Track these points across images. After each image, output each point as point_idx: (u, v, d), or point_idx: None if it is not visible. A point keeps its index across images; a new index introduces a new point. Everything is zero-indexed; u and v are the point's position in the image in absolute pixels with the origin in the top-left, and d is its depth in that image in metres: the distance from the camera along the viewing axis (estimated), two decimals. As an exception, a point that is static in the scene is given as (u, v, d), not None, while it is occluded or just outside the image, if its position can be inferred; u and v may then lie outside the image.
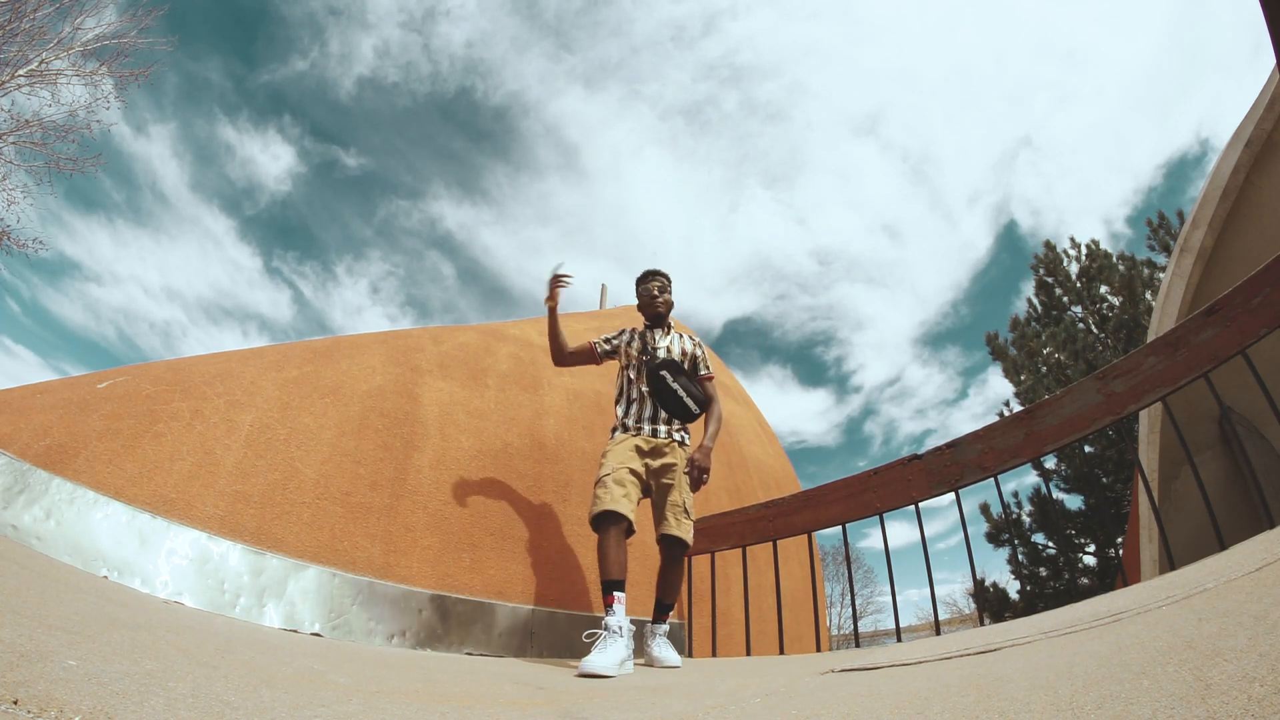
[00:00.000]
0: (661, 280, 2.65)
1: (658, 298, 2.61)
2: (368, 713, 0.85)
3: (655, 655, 2.21)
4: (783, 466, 4.87)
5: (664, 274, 2.67)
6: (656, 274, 2.66)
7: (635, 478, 2.30)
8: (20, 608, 0.98)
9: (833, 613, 22.48)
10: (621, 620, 1.96)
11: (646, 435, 2.41)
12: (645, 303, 2.64)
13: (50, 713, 0.57)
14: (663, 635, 2.29)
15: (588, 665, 1.73)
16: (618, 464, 2.29)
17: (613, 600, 2.02)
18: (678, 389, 2.42)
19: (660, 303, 2.61)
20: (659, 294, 2.62)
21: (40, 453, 1.95)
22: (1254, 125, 3.87)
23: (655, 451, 2.39)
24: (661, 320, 2.64)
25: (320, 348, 2.86)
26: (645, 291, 2.64)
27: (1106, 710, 0.58)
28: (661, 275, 2.66)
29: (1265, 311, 1.83)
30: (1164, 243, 10.40)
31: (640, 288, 2.67)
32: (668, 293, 2.65)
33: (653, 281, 2.64)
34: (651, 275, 2.66)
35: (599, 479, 2.27)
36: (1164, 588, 1.18)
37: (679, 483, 2.35)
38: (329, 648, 1.71)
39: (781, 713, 0.86)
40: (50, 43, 9.86)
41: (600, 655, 1.80)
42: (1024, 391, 10.16)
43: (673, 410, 2.43)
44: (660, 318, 2.63)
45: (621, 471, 2.27)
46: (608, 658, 1.79)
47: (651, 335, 2.61)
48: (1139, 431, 4.61)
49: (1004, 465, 2.32)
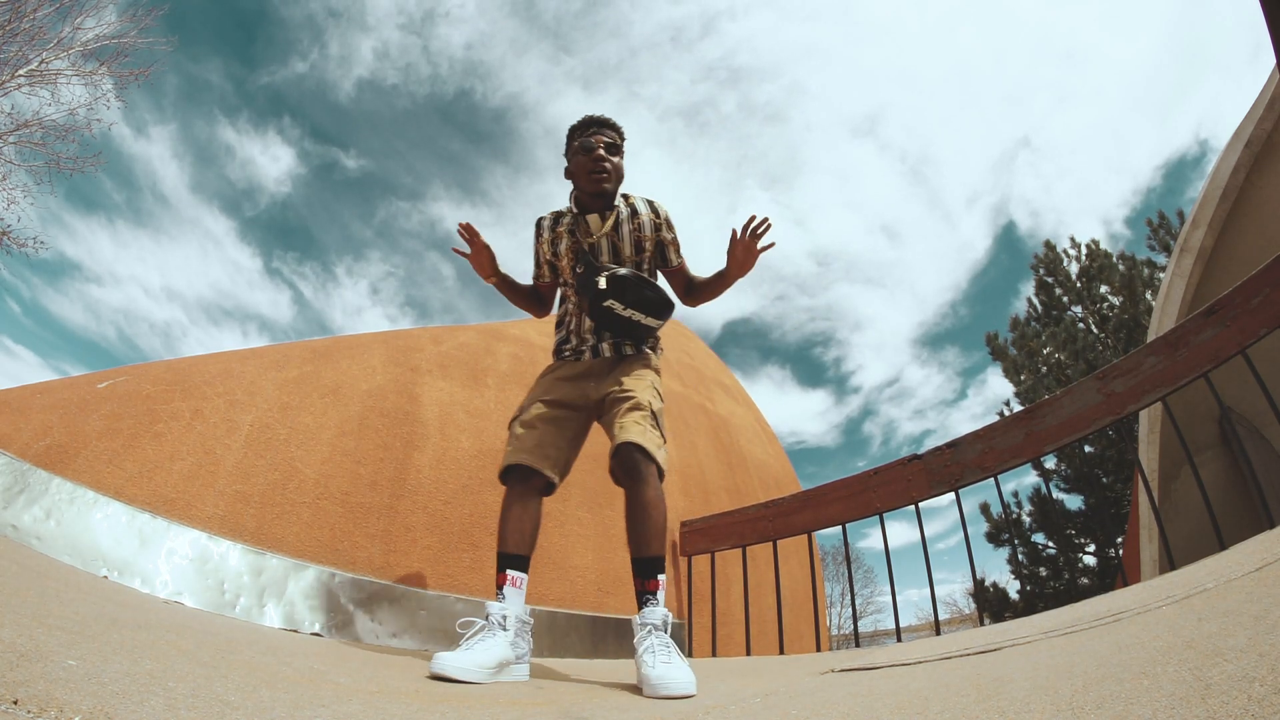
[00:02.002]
0: (612, 133, 1.79)
1: (605, 159, 1.73)
2: (368, 713, 0.85)
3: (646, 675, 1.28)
4: (783, 466, 4.87)
5: (617, 125, 1.82)
6: (607, 123, 1.80)
7: (560, 408, 1.71)
8: (20, 608, 0.98)
9: (833, 613, 22.48)
10: (508, 609, 1.46)
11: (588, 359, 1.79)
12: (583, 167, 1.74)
13: (50, 713, 0.57)
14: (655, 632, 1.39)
15: (441, 663, 1.28)
16: (531, 400, 1.74)
17: (504, 580, 1.52)
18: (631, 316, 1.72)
19: (609, 168, 1.74)
20: (607, 154, 1.74)
21: (40, 453, 1.95)
22: (1254, 125, 3.88)
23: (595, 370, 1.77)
24: (605, 197, 1.77)
25: (320, 348, 2.86)
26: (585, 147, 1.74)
27: (1106, 710, 0.58)
28: (613, 125, 1.81)
29: (1265, 311, 1.83)
30: (1164, 243, 10.40)
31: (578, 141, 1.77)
32: (620, 154, 1.80)
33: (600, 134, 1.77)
34: (598, 123, 1.79)
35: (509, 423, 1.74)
36: (1164, 588, 1.18)
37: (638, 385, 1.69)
38: (329, 648, 1.71)
39: (781, 713, 0.86)
40: (50, 43, 9.86)
41: (465, 653, 1.33)
42: (1024, 391, 10.17)
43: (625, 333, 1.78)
44: (604, 194, 1.76)
45: (534, 409, 1.69)
46: (475, 657, 1.33)
47: (585, 226, 1.79)
48: (1139, 431, 4.61)
49: (1004, 465, 2.32)
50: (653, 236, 1.83)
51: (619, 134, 1.81)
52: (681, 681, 1.24)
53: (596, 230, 1.78)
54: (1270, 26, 1.42)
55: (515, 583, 1.52)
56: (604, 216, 1.78)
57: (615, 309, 1.71)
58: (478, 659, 1.33)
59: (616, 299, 1.70)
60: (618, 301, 1.70)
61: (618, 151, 1.80)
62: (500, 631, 1.42)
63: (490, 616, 1.45)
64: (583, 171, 1.75)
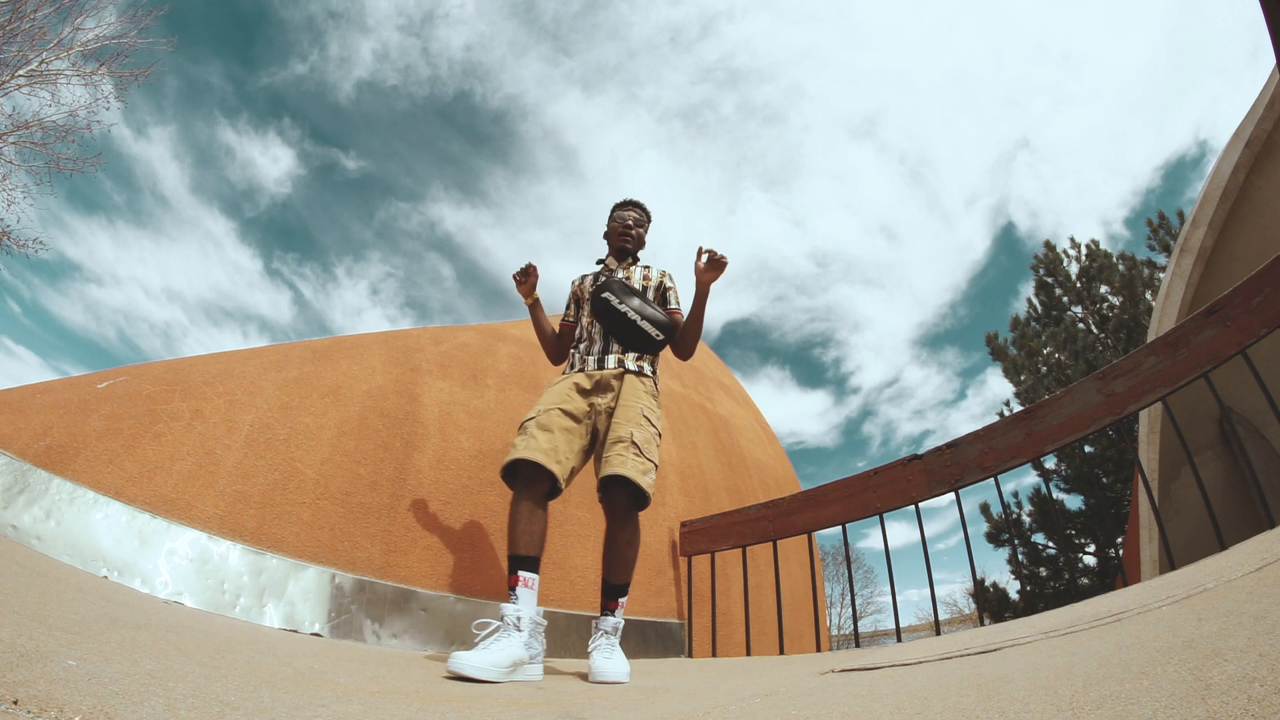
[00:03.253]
0: (639, 213, 2.30)
1: (631, 229, 2.25)
2: (368, 713, 0.85)
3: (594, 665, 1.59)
4: (783, 467, 4.87)
5: (646, 208, 2.33)
6: (637, 204, 2.32)
7: (572, 420, 1.84)
8: (20, 608, 0.98)
9: (833, 613, 22.48)
10: (522, 610, 1.53)
11: (592, 369, 1.98)
12: (615, 230, 2.26)
13: (50, 713, 0.57)
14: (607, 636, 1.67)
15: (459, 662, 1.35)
16: (548, 405, 1.86)
17: (516, 582, 1.58)
18: (627, 311, 1.99)
19: (633, 235, 2.24)
20: (634, 225, 2.26)
21: (40, 453, 1.95)
22: (1254, 125, 3.88)
23: (602, 385, 1.95)
24: (627, 255, 2.25)
25: (320, 348, 2.86)
26: (619, 219, 2.27)
27: (1106, 710, 0.58)
28: (642, 207, 2.32)
29: (1265, 311, 1.83)
30: (1164, 243, 10.40)
31: (615, 214, 2.30)
32: (644, 228, 2.30)
33: (630, 211, 2.28)
34: (631, 204, 2.30)
35: (521, 423, 1.85)
36: (1164, 588, 1.18)
37: (628, 416, 1.85)
38: (329, 648, 1.71)
39: (781, 713, 0.86)
40: (50, 43, 9.86)
41: (482, 653, 1.39)
42: (1024, 391, 10.17)
43: (625, 337, 2.01)
44: (626, 251, 2.24)
45: (551, 414, 1.82)
46: (491, 656, 1.39)
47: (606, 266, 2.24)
48: (1139, 431, 4.62)
49: (1004, 465, 2.32)
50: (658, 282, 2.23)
51: (646, 214, 2.34)
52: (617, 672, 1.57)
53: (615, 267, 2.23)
54: (1270, 26, 1.42)
55: (527, 584, 1.59)
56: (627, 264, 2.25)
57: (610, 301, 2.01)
58: (493, 659, 1.39)
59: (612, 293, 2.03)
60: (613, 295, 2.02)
61: (641, 225, 2.30)
62: (515, 632, 1.49)
63: (505, 618, 1.51)
64: (614, 234, 2.27)
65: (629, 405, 1.89)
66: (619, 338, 2.02)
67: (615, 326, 2.01)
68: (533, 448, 1.72)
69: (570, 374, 2.01)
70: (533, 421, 1.81)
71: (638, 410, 1.88)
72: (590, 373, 1.98)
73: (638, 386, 1.95)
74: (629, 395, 1.92)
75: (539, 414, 1.83)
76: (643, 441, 1.81)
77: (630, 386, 1.94)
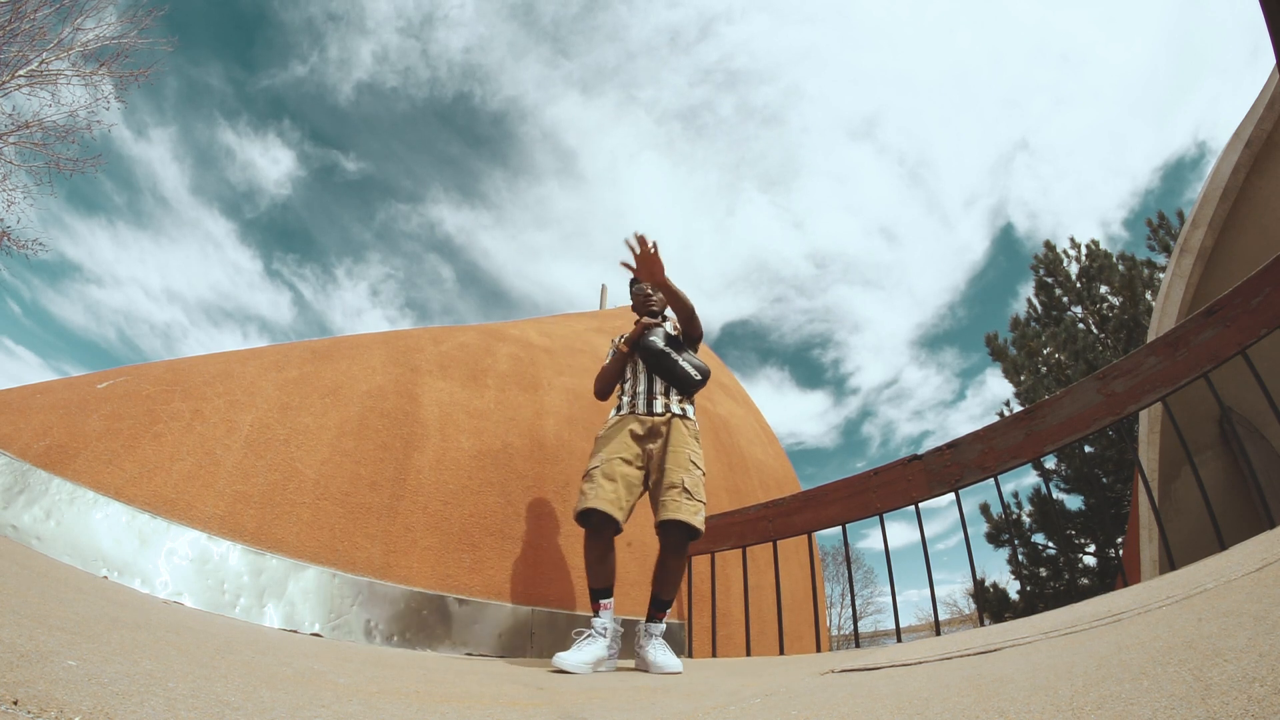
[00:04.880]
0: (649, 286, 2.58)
1: (651, 296, 2.57)
2: (368, 713, 0.85)
3: (650, 659, 1.97)
4: (783, 467, 4.87)
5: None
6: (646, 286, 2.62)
7: (630, 468, 2.16)
8: (20, 608, 0.98)
9: (833, 613, 22.47)
10: (607, 623, 1.98)
11: (642, 413, 2.25)
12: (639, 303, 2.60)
13: (50, 713, 0.57)
14: (659, 636, 2.06)
15: (560, 660, 1.80)
16: (610, 455, 2.15)
17: (599, 608, 2.02)
18: (670, 351, 2.32)
19: (654, 301, 2.57)
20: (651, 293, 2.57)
21: (40, 453, 1.95)
22: (1254, 125, 3.88)
23: (653, 433, 2.24)
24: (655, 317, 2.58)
25: (320, 348, 2.86)
26: (639, 293, 2.60)
27: (1106, 710, 0.58)
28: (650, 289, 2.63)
29: (1265, 311, 1.83)
30: (1164, 243, 10.40)
31: (633, 289, 2.64)
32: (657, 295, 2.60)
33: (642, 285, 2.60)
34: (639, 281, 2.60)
35: (587, 471, 2.15)
36: (1164, 588, 1.18)
37: (678, 461, 2.16)
38: (329, 648, 1.71)
39: (781, 713, 0.86)
40: (50, 43, 9.86)
41: (575, 652, 1.85)
42: (1024, 391, 10.17)
43: (671, 378, 2.31)
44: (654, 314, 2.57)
45: (613, 464, 2.12)
46: (582, 655, 1.84)
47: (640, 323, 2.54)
48: (1139, 431, 4.62)
49: (1004, 465, 2.32)
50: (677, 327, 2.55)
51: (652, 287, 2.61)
52: (676, 663, 1.93)
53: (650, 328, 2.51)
54: (1270, 26, 1.42)
55: (607, 607, 2.03)
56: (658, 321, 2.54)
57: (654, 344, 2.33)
58: (583, 657, 1.84)
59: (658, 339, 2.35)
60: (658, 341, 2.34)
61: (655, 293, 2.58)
62: (600, 638, 1.93)
63: (593, 628, 1.95)
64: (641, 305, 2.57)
65: (677, 451, 2.18)
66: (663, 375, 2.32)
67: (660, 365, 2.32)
68: (601, 498, 2.04)
69: (623, 416, 2.28)
70: (598, 470, 2.11)
71: (685, 456, 2.17)
72: (641, 416, 2.25)
73: (683, 431, 2.23)
74: (677, 441, 2.20)
75: (603, 463, 2.12)
76: (692, 486, 2.13)
77: (677, 432, 2.22)
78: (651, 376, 2.34)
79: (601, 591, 2.05)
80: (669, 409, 2.27)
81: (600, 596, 2.04)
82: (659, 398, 2.29)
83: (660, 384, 2.32)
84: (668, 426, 2.24)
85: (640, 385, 2.34)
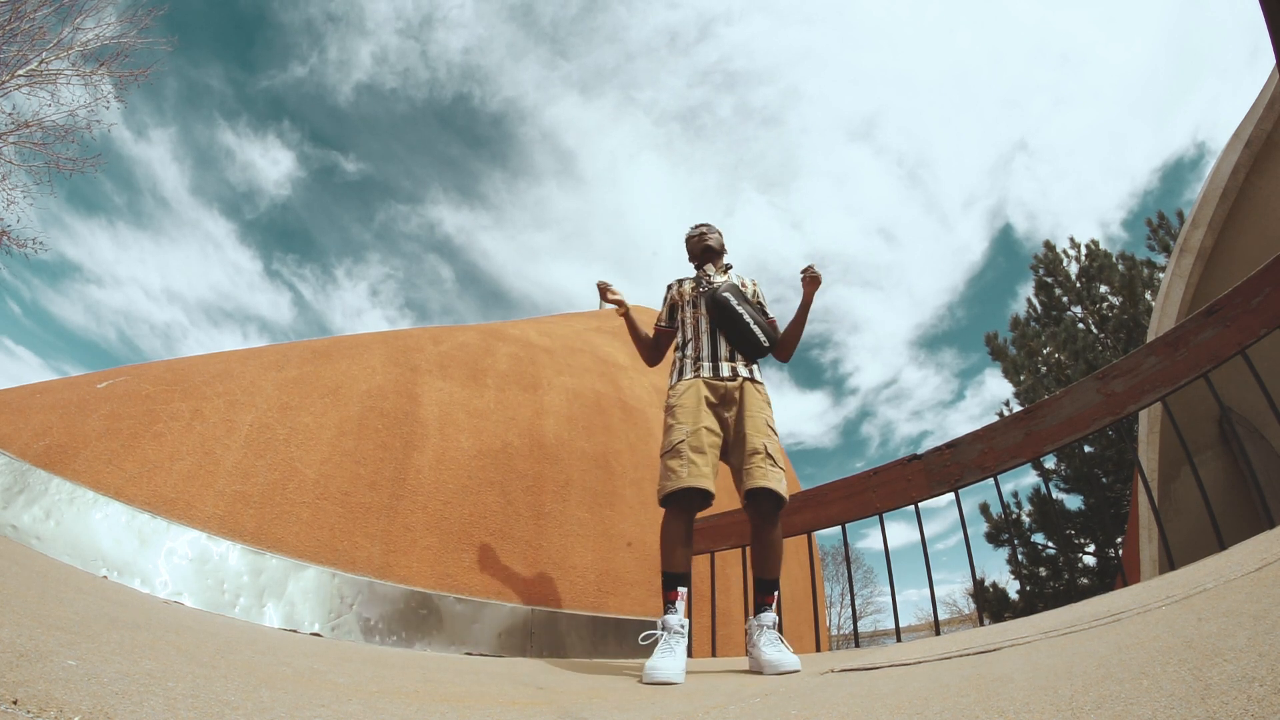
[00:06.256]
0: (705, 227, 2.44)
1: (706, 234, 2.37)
2: (368, 713, 0.85)
3: (764, 659, 1.66)
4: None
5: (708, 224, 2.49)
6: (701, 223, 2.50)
7: (715, 435, 1.98)
8: (20, 608, 0.98)
9: (832, 613, 22.48)
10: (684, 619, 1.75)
11: (709, 377, 2.06)
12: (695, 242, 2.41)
13: (50, 713, 0.57)
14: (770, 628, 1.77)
15: (655, 671, 1.52)
16: (695, 425, 1.95)
17: (675, 597, 1.77)
18: (743, 313, 2.11)
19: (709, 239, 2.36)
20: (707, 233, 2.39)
21: (40, 453, 1.95)
22: (1254, 125, 3.88)
23: (726, 399, 2.05)
24: (712, 254, 2.35)
25: (320, 348, 2.86)
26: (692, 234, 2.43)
27: (1106, 710, 0.58)
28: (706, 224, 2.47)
29: (1265, 311, 1.83)
30: (1164, 243, 10.40)
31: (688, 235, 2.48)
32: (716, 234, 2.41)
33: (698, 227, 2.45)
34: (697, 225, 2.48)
35: (672, 446, 1.93)
36: (1164, 588, 1.18)
37: (757, 427, 1.98)
38: (329, 648, 1.71)
39: (781, 712, 0.86)
40: (50, 43, 9.85)
41: (669, 659, 1.58)
42: (1024, 391, 10.17)
43: (739, 341, 2.10)
44: (710, 250, 2.35)
45: (700, 434, 1.93)
46: (676, 662, 1.58)
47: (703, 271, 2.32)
48: (1139, 431, 4.61)
49: (1004, 465, 2.32)
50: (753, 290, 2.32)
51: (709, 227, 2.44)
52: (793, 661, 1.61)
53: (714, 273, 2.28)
54: (1270, 26, 1.42)
55: (683, 596, 1.80)
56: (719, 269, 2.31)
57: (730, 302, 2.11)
58: (679, 664, 1.58)
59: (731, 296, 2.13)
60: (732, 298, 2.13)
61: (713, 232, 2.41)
62: (683, 639, 1.69)
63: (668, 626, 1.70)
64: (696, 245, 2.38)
65: (755, 416, 2.01)
66: (733, 340, 2.11)
67: (730, 329, 2.10)
68: (696, 474, 1.86)
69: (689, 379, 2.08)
70: (685, 445, 1.91)
71: (763, 420, 2.01)
72: (709, 381, 2.06)
73: (757, 396, 2.06)
74: (753, 406, 2.03)
75: (689, 436, 1.93)
76: (775, 451, 1.96)
77: (751, 397, 2.05)
78: (716, 336, 2.13)
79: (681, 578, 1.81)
80: (737, 373, 2.08)
81: (680, 583, 1.80)
82: (725, 362, 2.09)
83: (725, 346, 2.11)
84: (740, 392, 2.05)
85: (704, 346, 2.12)
